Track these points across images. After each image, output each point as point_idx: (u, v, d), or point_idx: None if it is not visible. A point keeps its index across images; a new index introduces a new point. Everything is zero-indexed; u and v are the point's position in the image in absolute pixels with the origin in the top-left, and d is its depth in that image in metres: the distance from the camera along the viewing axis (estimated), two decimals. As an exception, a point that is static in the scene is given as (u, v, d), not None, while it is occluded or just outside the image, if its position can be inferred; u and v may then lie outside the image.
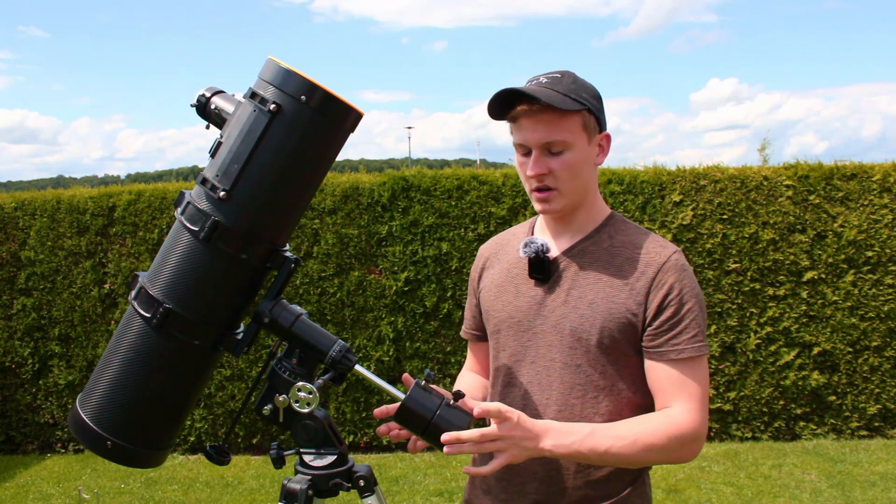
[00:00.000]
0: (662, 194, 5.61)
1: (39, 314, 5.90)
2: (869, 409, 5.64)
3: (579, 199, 1.60)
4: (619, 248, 1.60)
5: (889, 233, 5.58)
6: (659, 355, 1.53)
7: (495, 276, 1.72)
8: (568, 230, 1.64)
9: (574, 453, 1.46)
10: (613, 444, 1.46)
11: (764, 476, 4.94)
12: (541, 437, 1.44)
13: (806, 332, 5.59)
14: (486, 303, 1.72)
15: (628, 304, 1.53)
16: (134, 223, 5.79)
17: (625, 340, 1.55)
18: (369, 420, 5.70)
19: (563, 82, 1.54)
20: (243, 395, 5.63)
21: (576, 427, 1.48)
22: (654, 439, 1.48)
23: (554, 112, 1.51)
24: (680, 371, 1.52)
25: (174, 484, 5.10)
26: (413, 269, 5.58)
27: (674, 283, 1.53)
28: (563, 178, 1.55)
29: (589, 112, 1.55)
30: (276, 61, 1.43)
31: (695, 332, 1.52)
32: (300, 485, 1.49)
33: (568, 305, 1.57)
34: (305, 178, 1.49)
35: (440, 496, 4.73)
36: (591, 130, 1.57)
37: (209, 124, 1.58)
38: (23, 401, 5.98)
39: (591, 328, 1.54)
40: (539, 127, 1.52)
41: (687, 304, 1.52)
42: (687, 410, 1.50)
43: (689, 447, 1.51)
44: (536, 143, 1.53)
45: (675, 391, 1.52)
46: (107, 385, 1.51)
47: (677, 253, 1.58)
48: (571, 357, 1.56)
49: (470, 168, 6.02)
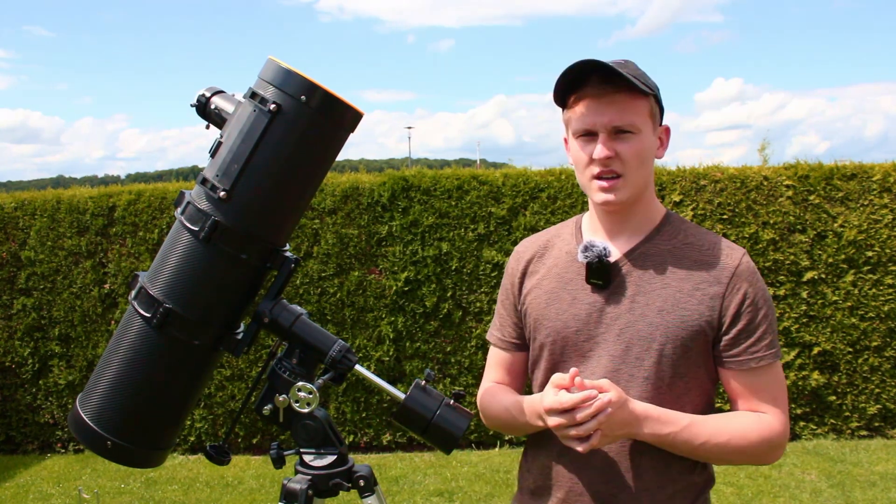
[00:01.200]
0: (662, 194, 5.60)
1: (39, 314, 5.90)
2: (869, 409, 5.64)
3: (641, 191, 1.52)
4: (684, 250, 1.52)
5: (889, 233, 5.58)
6: (738, 364, 1.48)
7: (544, 281, 1.60)
8: (625, 230, 1.55)
9: (668, 444, 1.45)
10: (710, 440, 1.45)
11: (764, 476, 4.94)
12: (640, 423, 1.42)
13: (806, 332, 5.59)
14: (536, 311, 1.59)
15: (701, 311, 1.47)
16: (134, 223, 5.79)
17: (696, 349, 1.48)
18: (369, 420, 5.70)
19: (629, 67, 1.48)
20: (243, 395, 5.63)
21: (675, 417, 1.45)
22: (749, 440, 1.47)
23: (626, 94, 1.45)
24: (761, 378, 1.48)
25: (174, 484, 5.10)
26: (413, 269, 5.58)
27: (748, 288, 1.47)
28: (632, 165, 1.47)
29: (655, 100, 1.51)
30: (276, 61, 1.43)
31: (771, 339, 1.48)
32: (300, 485, 1.49)
33: (634, 313, 1.49)
34: (305, 178, 1.49)
35: (440, 496, 4.73)
36: (656, 119, 1.52)
37: (209, 124, 1.58)
38: (23, 401, 5.98)
39: (663, 337, 1.47)
40: (611, 109, 1.45)
41: (762, 309, 1.48)
42: (775, 414, 1.49)
43: (777, 451, 1.51)
44: (607, 123, 1.45)
45: (759, 398, 1.49)
46: (107, 385, 1.51)
47: (747, 255, 1.52)
48: (638, 368, 1.48)
49: (470, 168, 6.02)
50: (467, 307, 5.58)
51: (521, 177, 5.61)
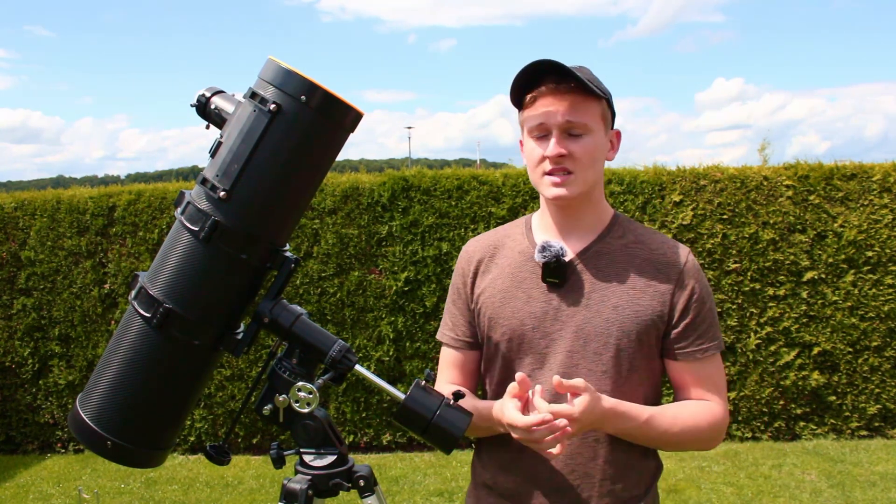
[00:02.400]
0: (662, 194, 5.60)
1: (39, 314, 5.90)
2: (869, 409, 5.64)
3: (590, 190, 1.58)
4: (635, 249, 1.60)
5: (889, 233, 5.58)
6: (686, 356, 1.57)
7: (497, 280, 1.65)
8: (576, 229, 1.62)
9: (628, 435, 1.53)
10: (668, 430, 1.53)
11: (764, 476, 4.94)
12: (609, 419, 1.48)
13: (806, 332, 5.59)
14: (490, 310, 1.64)
15: (653, 306, 1.55)
16: (134, 223, 5.79)
17: (648, 343, 1.56)
18: (369, 420, 5.70)
19: (584, 72, 1.55)
20: (243, 395, 5.62)
21: (637, 410, 1.52)
22: (700, 428, 1.56)
23: (579, 94, 1.51)
24: (705, 368, 1.58)
25: (174, 484, 5.10)
26: (413, 269, 5.58)
27: (695, 284, 1.57)
28: (582, 163, 1.53)
29: (607, 104, 1.57)
30: (276, 61, 1.43)
31: (714, 331, 1.59)
32: (300, 485, 1.49)
33: (590, 310, 1.55)
34: (305, 178, 1.49)
35: (440, 496, 4.73)
36: (607, 122, 1.58)
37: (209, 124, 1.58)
38: (23, 401, 5.98)
39: (619, 332, 1.54)
40: (565, 107, 1.51)
41: (706, 304, 1.58)
42: (718, 402, 1.59)
43: (721, 436, 1.62)
44: (560, 121, 1.51)
45: (704, 387, 1.58)
46: (107, 385, 1.51)
47: (691, 253, 1.62)
48: (596, 363, 1.55)
49: (470, 168, 6.02)
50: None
51: (521, 177, 5.61)
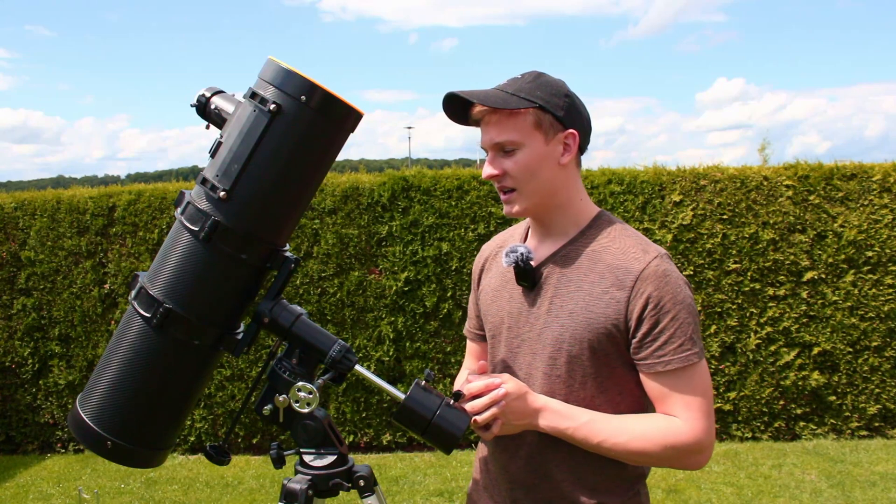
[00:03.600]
0: (662, 194, 5.60)
1: (39, 314, 5.90)
2: (869, 409, 5.64)
3: (545, 199, 1.55)
4: (600, 254, 1.54)
5: (889, 233, 5.58)
6: (647, 367, 1.48)
7: (492, 279, 1.71)
8: (549, 235, 1.61)
9: (568, 438, 1.50)
10: (607, 440, 1.48)
11: (764, 476, 4.94)
12: (537, 415, 1.49)
13: (806, 332, 5.59)
14: (484, 306, 1.72)
15: (607, 314, 1.48)
16: (134, 223, 5.79)
17: (605, 351, 1.50)
18: (369, 420, 5.70)
19: (519, 82, 1.53)
20: (243, 395, 5.63)
21: (574, 413, 1.49)
22: (649, 445, 1.47)
23: (500, 112, 1.51)
24: (672, 382, 1.47)
25: (174, 484, 5.10)
26: (413, 270, 5.58)
27: (651, 292, 1.46)
28: (520, 178, 1.52)
29: (543, 110, 1.50)
30: (276, 61, 1.43)
31: (681, 342, 1.46)
32: (300, 485, 1.49)
33: (550, 315, 1.54)
34: (305, 178, 1.49)
35: (440, 496, 4.73)
36: (546, 128, 1.51)
37: (209, 124, 1.58)
38: (23, 401, 5.98)
39: (571, 338, 1.51)
40: (488, 128, 1.53)
41: (669, 313, 1.46)
42: (687, 420, 1.47)
43: (691, 458, 1.49)
44: (487, 144, 1.54)
45: (670, 403, 1.48)
46: (107, 385, 1.51)
47: (658, 258, 1.49)
48: (552, 367, 1.54)
49: (470, 168, 6.02)
50: (467, 307, 5.57)
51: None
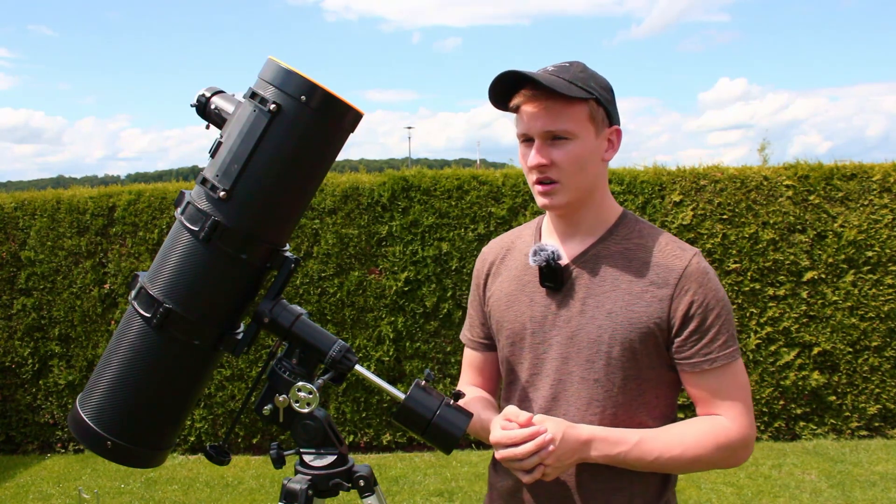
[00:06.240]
0: (662, 194, 5.60)
1: (39, 314, 5.90)
2: (869, 409, 5.64)
3: (584, 195, 1.50)
4: (634, 251, 1.50)
5: (889, 233, 5.58)
6: (692, 367, 1.46)
7: (504, 283, 1.62)
8: (577, 232, 1.54)
9: (620, 462, 1.44)
10: (662, 455, 1.44)
11: (764, 476, 4.94)
12: (588, 448, 1.42)
13: (806, 332, 5.59)
14: (498, 313, 1.62)
15: (650, 313, 1.45)
16: (134, 223, 5.79)
17: (647, 351, 1.47)
18: (369, 420, 5.70)
19: (571, 71, 1.46)
20: (243, 395, 5.63)
21: (623, 435, 1.44)
22: (703, 450, 1.45)
23: (558, 99, 1.42)
24: (717, 380, 1.46)
25: (174, 484, 5.10)
26: (413, 269, 5.58)
27: (697, 289, 1.45)
28: (568, 171, 1.45)
29: (597, 103, 1.46)
30: (276, 61, 1.43)
31: (725, 339, 1.46)
32: (300, 485, 1.49)
33: (584, 315, 1.49)
34: (305, 178, 1.49)
35: (440, 496, 4.73)
36: (598, 122, 1.48)
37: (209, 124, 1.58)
38: (23, 401, 5.98)
39: (611, 339, 1.46)
40: (542, 114, 1.44)
41: (714, 310, 1.45)
42: (733, 418, 1.46)
43: (739, 454, 1.49)
44: (539, 130, 1.45)
45: (716, 401, 1.47)
46: (107, 385, 1.51)
47: (697, 256, 1.49)
48: (589, 371, 1.48)
49: (470, 168, 6.02)
50: (467, 307, 5.57)
51: (521, 177, 5.61)
